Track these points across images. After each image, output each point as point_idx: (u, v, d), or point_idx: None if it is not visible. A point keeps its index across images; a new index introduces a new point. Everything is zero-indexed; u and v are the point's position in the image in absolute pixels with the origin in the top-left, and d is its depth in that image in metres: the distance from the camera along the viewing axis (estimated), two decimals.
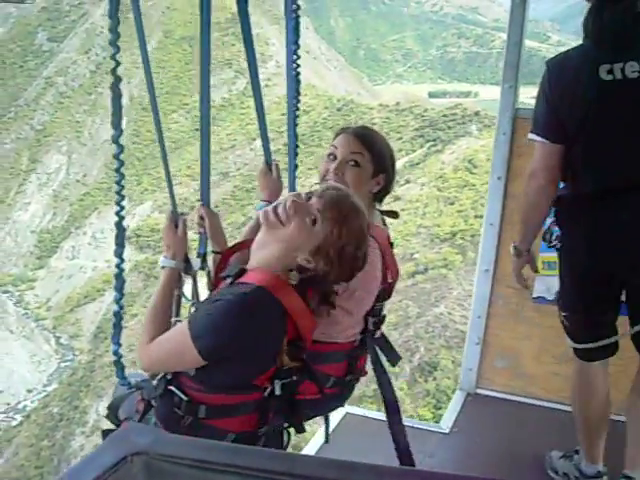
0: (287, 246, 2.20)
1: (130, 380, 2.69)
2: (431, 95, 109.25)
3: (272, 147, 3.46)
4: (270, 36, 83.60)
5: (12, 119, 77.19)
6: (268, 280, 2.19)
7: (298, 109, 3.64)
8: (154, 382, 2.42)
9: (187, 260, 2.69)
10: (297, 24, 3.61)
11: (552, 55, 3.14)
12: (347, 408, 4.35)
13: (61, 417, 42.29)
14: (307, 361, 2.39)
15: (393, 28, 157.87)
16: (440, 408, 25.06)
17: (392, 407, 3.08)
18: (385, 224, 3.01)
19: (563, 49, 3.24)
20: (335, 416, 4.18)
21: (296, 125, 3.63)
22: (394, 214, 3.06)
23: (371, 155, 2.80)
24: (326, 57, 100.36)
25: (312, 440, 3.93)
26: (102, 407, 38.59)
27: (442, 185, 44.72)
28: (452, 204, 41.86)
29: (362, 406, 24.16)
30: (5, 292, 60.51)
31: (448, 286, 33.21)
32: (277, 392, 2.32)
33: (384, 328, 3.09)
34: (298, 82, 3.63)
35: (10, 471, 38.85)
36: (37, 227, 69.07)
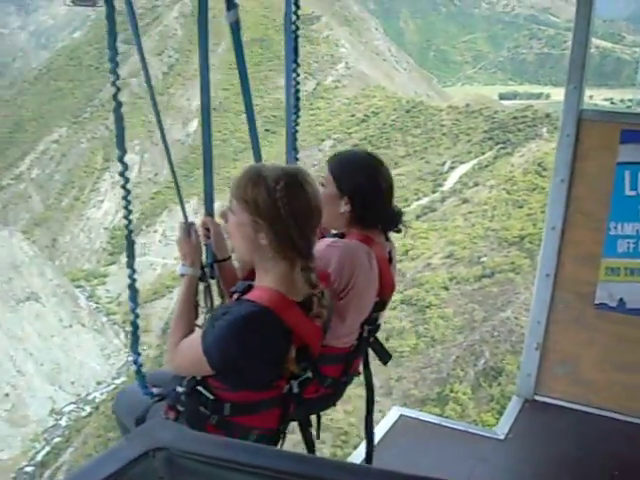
0: (242, 245, 2.52)
1: (152, 391, 2.90)
2: (501, 97, 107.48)
3: (340, 147, 3.50)
4: (340, 37, 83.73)
5: (87, 119, 79.25)
6: (271, 299, 2.36)
7: (298, 124, 3.88)
8: (179, 388, 2.58)
9: (202, 267, 2.82)
10: (296, 44, 3.71)
11: (626, 56, 2.97)
12: (401, 410, 4.32)
13: None
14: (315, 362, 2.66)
15: (464, 29, 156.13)
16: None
17: (370, 406, 3.32)
18: (388, 239, 3.11)
19: (639, 50, 3.07)
20: (389, 418, 4.16)
21: (296, 140, 3.90)
22: (399, 231, 3.10)
23: (332, 178, 3.02)
24: (395, 59, 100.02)
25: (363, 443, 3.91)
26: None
27: (511, 188, 44.05)
28: (521, 207, 41.19)
29: (425, 409, 23.96)
30: (78, 287, 62.05)
31: (515, 290, 32.66)
32: (295, 390, 2.55)
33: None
34: (297, 99, 3.79)
35: (78, 460, 39.86)
36: (110, 224, 70.69)
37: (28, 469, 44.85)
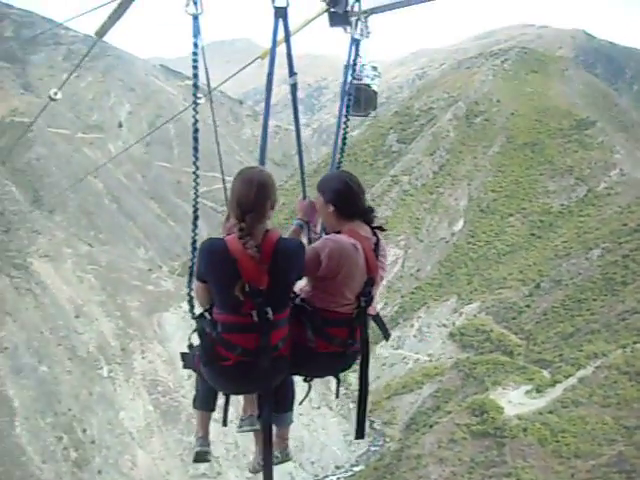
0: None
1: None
2: None
3: (609, 257, 3.60)
4: (615, 144, 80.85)
5: None
6: (229, 237, 3.98)
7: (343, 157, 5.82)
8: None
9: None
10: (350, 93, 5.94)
11: None
12: None
13: None
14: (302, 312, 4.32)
15: None
16: None
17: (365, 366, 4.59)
18: (375, 233, 4.49)
19: None
20: None
21: (345, 145, 5.83)
22: (380, 228, 4.58)
23: (318, 191, 4.50)
24: None
25: None
26: None
27: None
28: None
29: None
30: None
31: None
32: (255, 318, 3.95)
33: None
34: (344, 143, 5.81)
35: None
36: None
37: None
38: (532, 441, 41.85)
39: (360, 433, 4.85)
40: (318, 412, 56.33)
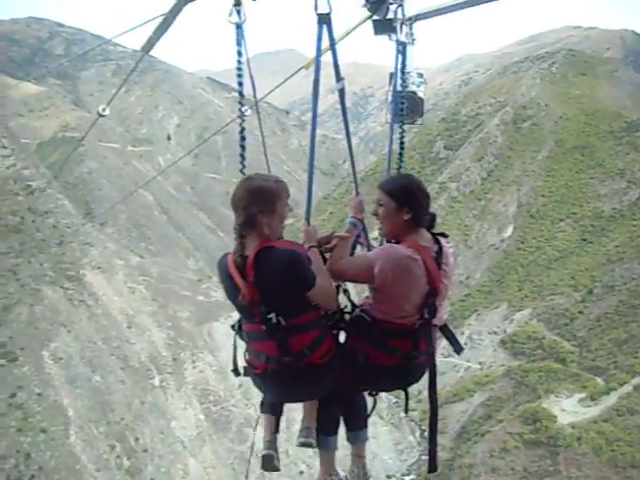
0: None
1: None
2: None
3: None
4: None
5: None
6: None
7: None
8: None
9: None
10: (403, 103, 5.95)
11: None
12: None
13: None
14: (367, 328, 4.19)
15: None
16: None
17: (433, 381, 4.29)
18: (437, 241, 4.31)
19: None
20: None
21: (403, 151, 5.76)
22: (443, 234, 4.41)
23: (388, 196, 4.23)
24: None
25: None
26: None
27: None
28: None
29: None
30: None
31: None
32: (262, 326, 3.92)
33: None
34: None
35: None
36: None
37: None
38: (586, 450, 41.15)
39: (433, 466, 4.48)
40: (369, 421, 55.99)
